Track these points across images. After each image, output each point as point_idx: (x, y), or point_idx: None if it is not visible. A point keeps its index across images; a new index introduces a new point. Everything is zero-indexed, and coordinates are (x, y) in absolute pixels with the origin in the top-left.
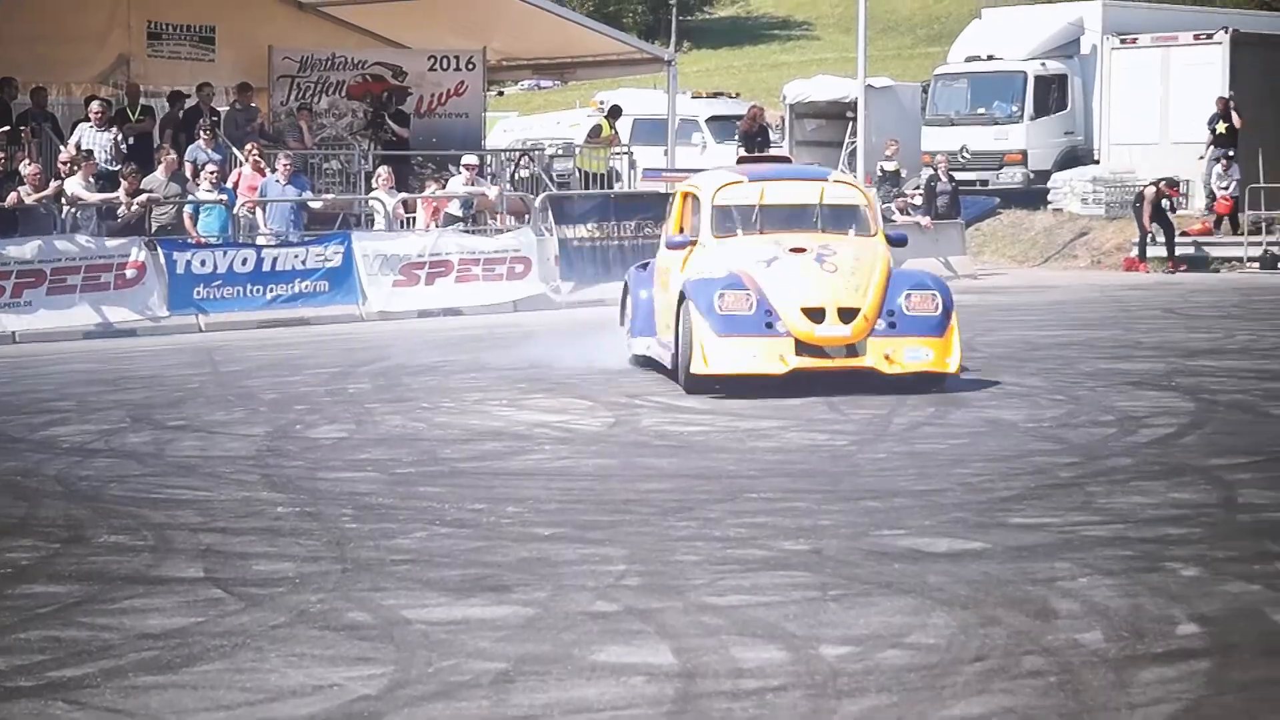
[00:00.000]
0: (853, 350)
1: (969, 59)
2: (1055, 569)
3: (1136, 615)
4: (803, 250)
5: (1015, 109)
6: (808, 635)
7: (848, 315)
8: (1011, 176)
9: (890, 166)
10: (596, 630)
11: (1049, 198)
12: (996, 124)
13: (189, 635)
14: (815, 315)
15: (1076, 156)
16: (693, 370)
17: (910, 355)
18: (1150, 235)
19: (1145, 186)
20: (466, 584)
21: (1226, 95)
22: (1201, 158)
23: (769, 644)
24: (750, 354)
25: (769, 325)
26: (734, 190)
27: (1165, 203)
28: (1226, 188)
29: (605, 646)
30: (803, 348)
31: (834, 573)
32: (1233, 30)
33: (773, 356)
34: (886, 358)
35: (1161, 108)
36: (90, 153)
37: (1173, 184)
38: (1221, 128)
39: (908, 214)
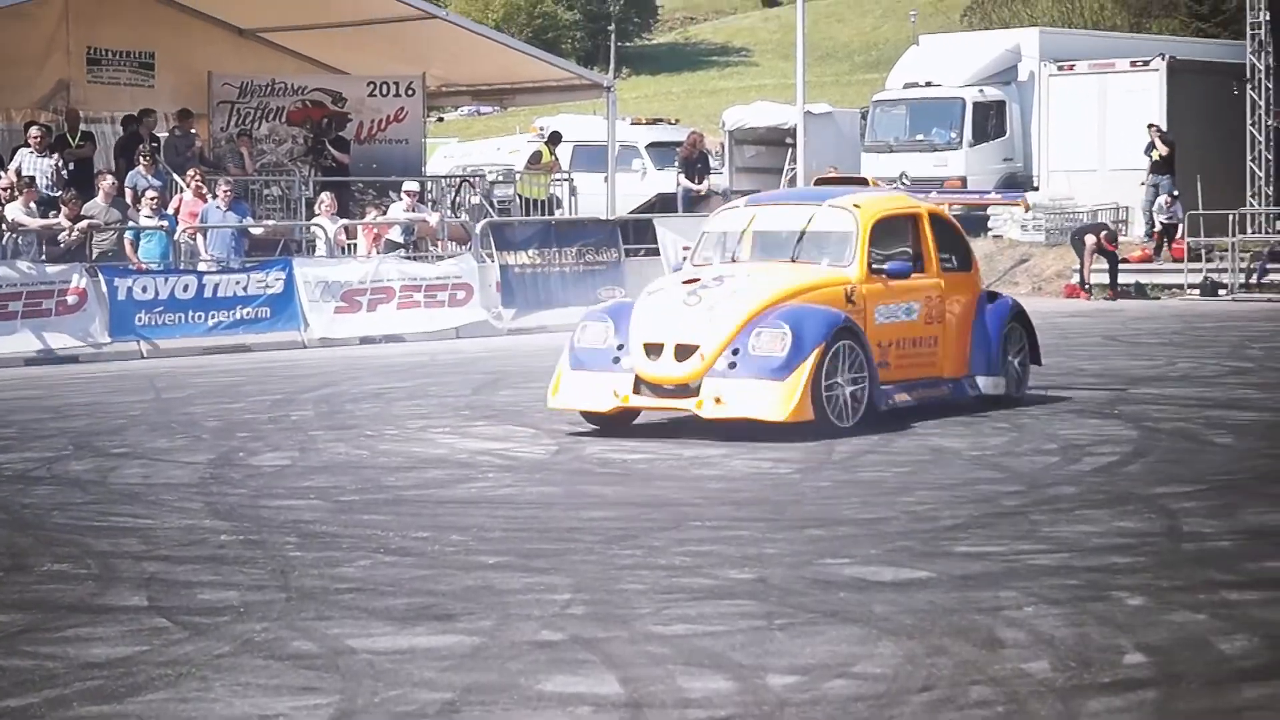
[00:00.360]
0: (685, 390)
1: (907, 85)
2: (1001, 598)
3: (1083, 644)
4: (695, 281)
5: (954, 135)
6: (754, 665)
7: (684, 353)
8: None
9: None
10: (543, 659)
11: (989, 224)
12: (935, 150)
13: (133, 664)
14: (654, 351)
15: (1016, 183)
16: (548, 403)
17: (740, 399)
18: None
19: (1085, 233)
20: (412, 613)
21: (1153, 123)
22: (1142, 184)
23: (716, 673)
24: (591, 388)
25: (615, 360)
26: (727, 216)
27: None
28: (1171, 219)
29: (551, 676)
30: (640, 384)
31: (780, 601)
32: (1169, 57)
33: (608, 392)
34: (716, 400)
35: (1099, 135)
36: (32, 179)
37: (1112, 238)
38: (1156, 154)
39: None
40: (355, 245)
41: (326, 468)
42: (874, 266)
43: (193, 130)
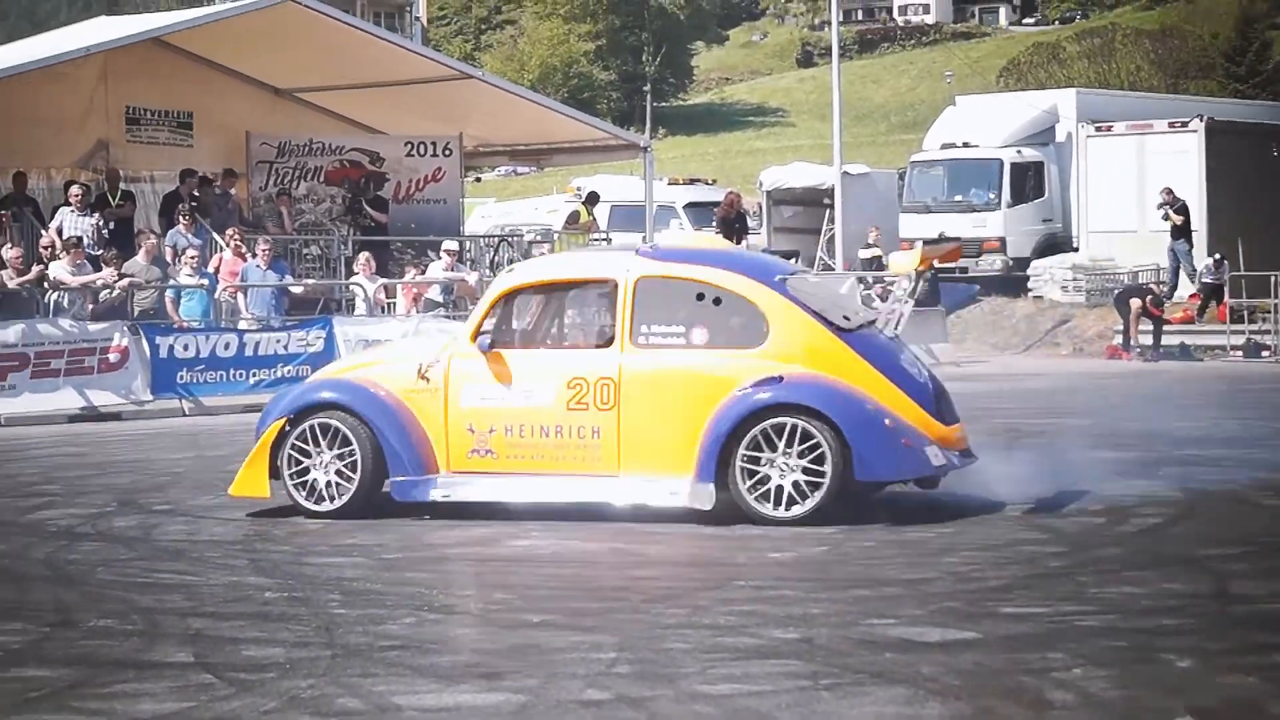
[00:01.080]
0: None
1: (945, 146)
2: (1049, 659)
3: (1133, 706)
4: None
5: (992, 196)
6: None
7: None
8: (990, 264)
9: (869, 254)
10: (588, 718)
11: (1029, 285)
12: (974, 210)
13: None
14: None
15: (1055, 244)
16: None
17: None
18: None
19: (1130, 295)
20: (457, 671)
21: (1167, 187)
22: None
23: None
24: None
25: None
26: None
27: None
28: (1217, 280)
29: None
30: None
31: (826, 661)
32: (1208, 118)
33: None
34: None
35: (1138, 195)
36: (79, 239)
37: (1158, 303)
38: (1175, 219)
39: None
40: (395, 304)
41: (370, 525)
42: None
43: (231, 190)
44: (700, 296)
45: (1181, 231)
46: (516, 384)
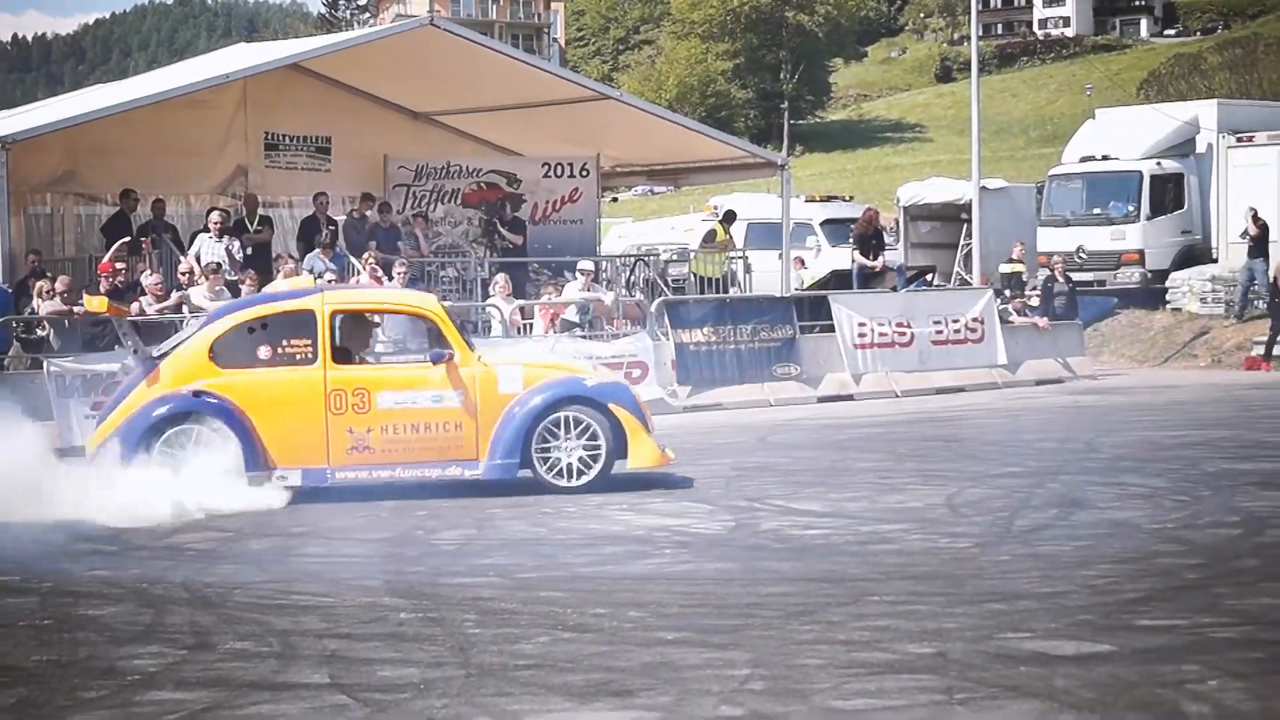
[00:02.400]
0: None
1: (1084, 159)
2: (1184, 672)
3: (1269, 718)
4: None
5: (1131, 209)
6: None
7: None
8: (1129, 276)
9: (1011, 269)
10: None
11: (1167, 297)
12: (1113, 224)
13: None
14: None
15: (1194, 255)
16: None
17: None
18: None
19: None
20: (591, 689)
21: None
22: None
23: None
24: None
25: None
26: None
27: None
28: None
29: None
30: None
31: (960, 676)
32: None
33: None
34: None
35: (1279, 205)
36: (218, 265)
37: None
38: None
39: (1025, 315)
40: (531, 325)
41: (505, 545)
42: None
43: (368, 213)
44: None
45: (1260, 248)
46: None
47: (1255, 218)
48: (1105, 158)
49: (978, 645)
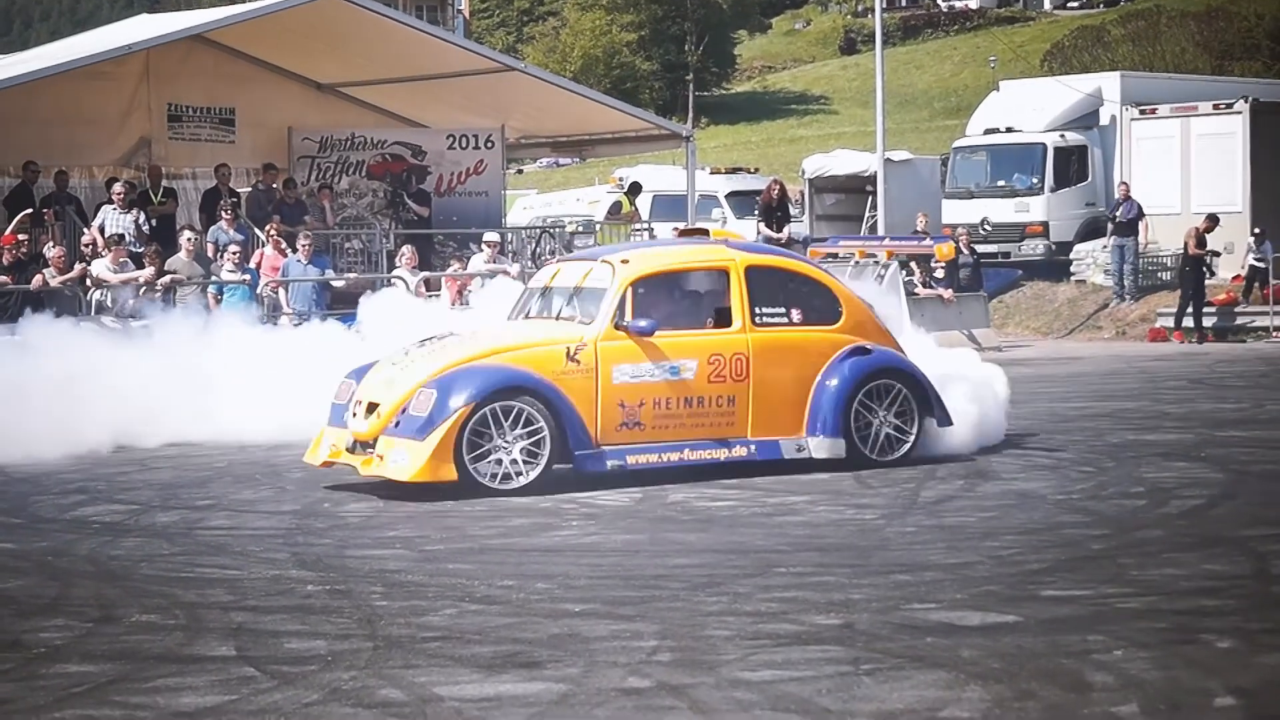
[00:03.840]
0: (365, 446)
1: (988, 131)
2: (1089, 642)
3: (1173, 687)
4: (430, 339)
5: (1035, 181)
6: (841, 710)
7: (371, 410)
8: (1033, 248)
9: None
10: (630, 706)
11: (1071, 269)
12: (1017, 196)
13: (223, 714)
14: (360, 408)
15: (1098, 228)
16: (304, 458)
17: (392, 458)
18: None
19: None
20: (498, 660)
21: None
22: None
23: (803, 719)
24: (328, 444)
25: (342, 417)
26: (542, 272)
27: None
28: (1260, 260)
29: None
30: (354, 441)
31: (866, 647)
32: (1253, 99)
33: (326, 449)
34: (380, 458)
35: (1183, 178)
36: (121, 236)
37: (1213, 218)
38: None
39: (930, 287)
40: (437, 297)
41: (411, 517)
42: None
43: (273, 185)
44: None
45: (1130, 228)
46: (654, 364)
47: (1126, 194)
48: (1009, 130)
49: (884, 616)
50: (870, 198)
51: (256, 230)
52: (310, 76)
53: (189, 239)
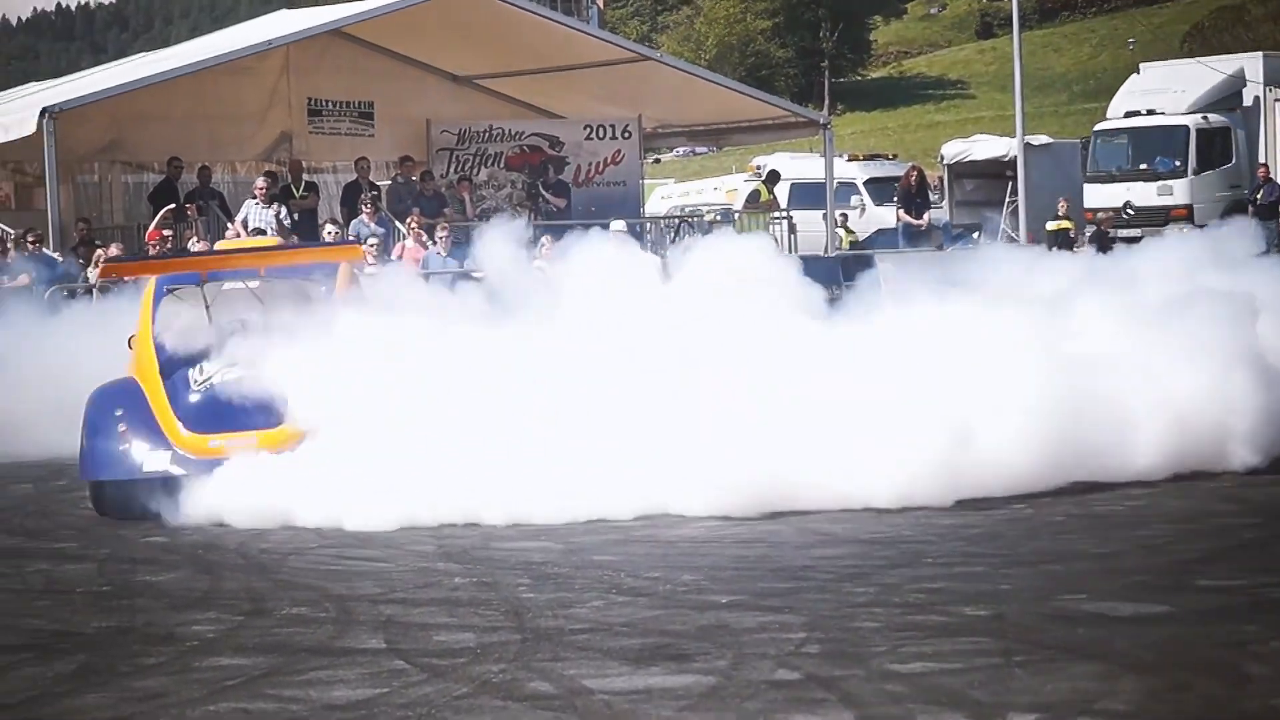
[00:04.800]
0: None
1: (1129, 114)
2: (1244, 632)
3: None
4: None
5: (1178, 163)
6: (994, 702)
7: None
8: (1177, 232)
9: (1057, 225)
10: (780, 699)
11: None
12: (1160, 179)
13: (374, 706)
14: None
15: (1243, 211)
16: None
17: None
18: None
19: None
20: (647, 653)
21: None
22: None
23: (955, 712)
24: None
25: None
26: None
27: None
28: None
29: (789, 715)
30: None
31: (1018, 638)
32: None
33: None
34: None
35: None
36: (264, 231)
37: None
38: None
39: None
40: None
41: None
42: None
43: (414, 177)
44: None
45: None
46: None
47: (1267, 176)
48: (1150, 112)
49: (1035, 607)
50: (1010, 183)
51: (397, 223)
52: (447, 69)
53: (330, 232)
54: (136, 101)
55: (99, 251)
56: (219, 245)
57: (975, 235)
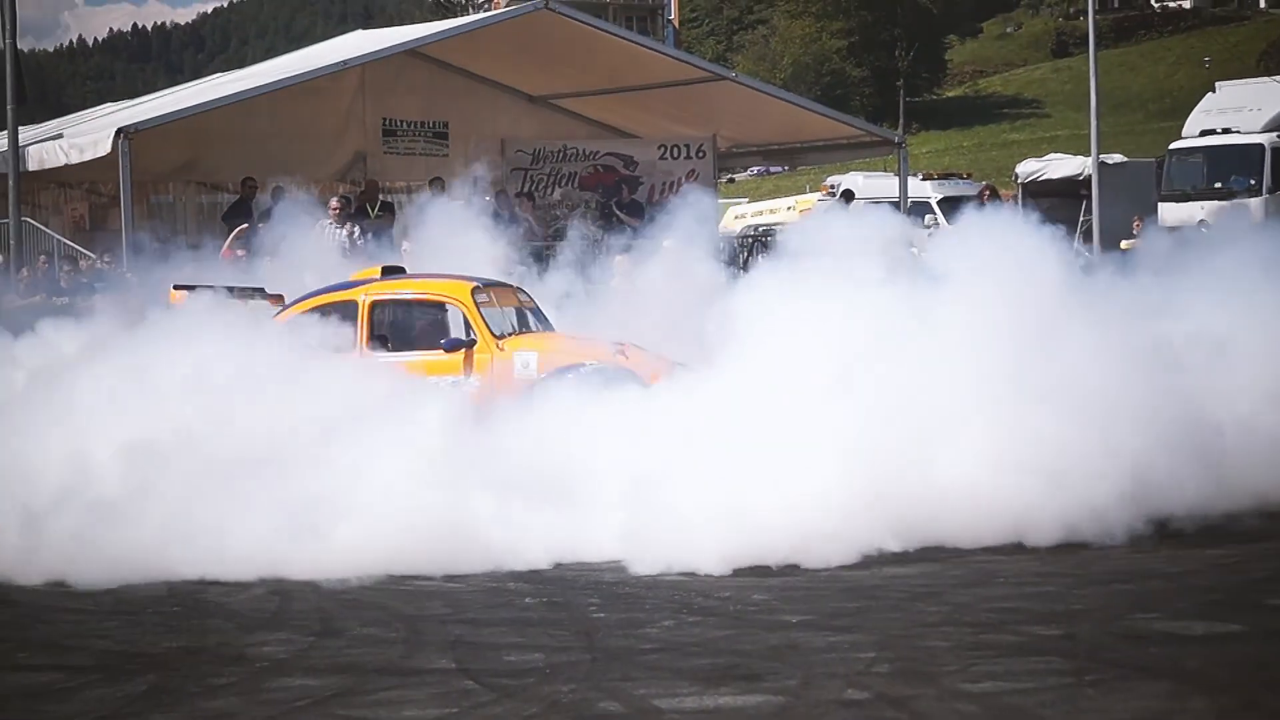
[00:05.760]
0: None
1: (1204, 132)
2: None
3: None
4: None
5: (1253, 182)
6: None
7: None
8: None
9: (1131, 244)
10: (850, 718)
11: None
12: (1235, 197)
13: None
14: None
15: None
16: None
17: None
18: None
19: None
20: (717, 673)
21: None
22: None
23: None
24: None
25: None
26: None
27: None
28: None
29: None
30: None
31: (1089, 657)
32: None
33: None
34: None
35: None
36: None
37: None
38: None
39: None
40: None
41: None
42: None
43: (487, 197)
44: None
45: None
46: None
47: None
48: (1226, 131)
49: (1106, 626)
50: (1085, 201)
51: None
52: (522, 89)
53: (408, 250)
54: (211, 122)
55: None
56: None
57: None
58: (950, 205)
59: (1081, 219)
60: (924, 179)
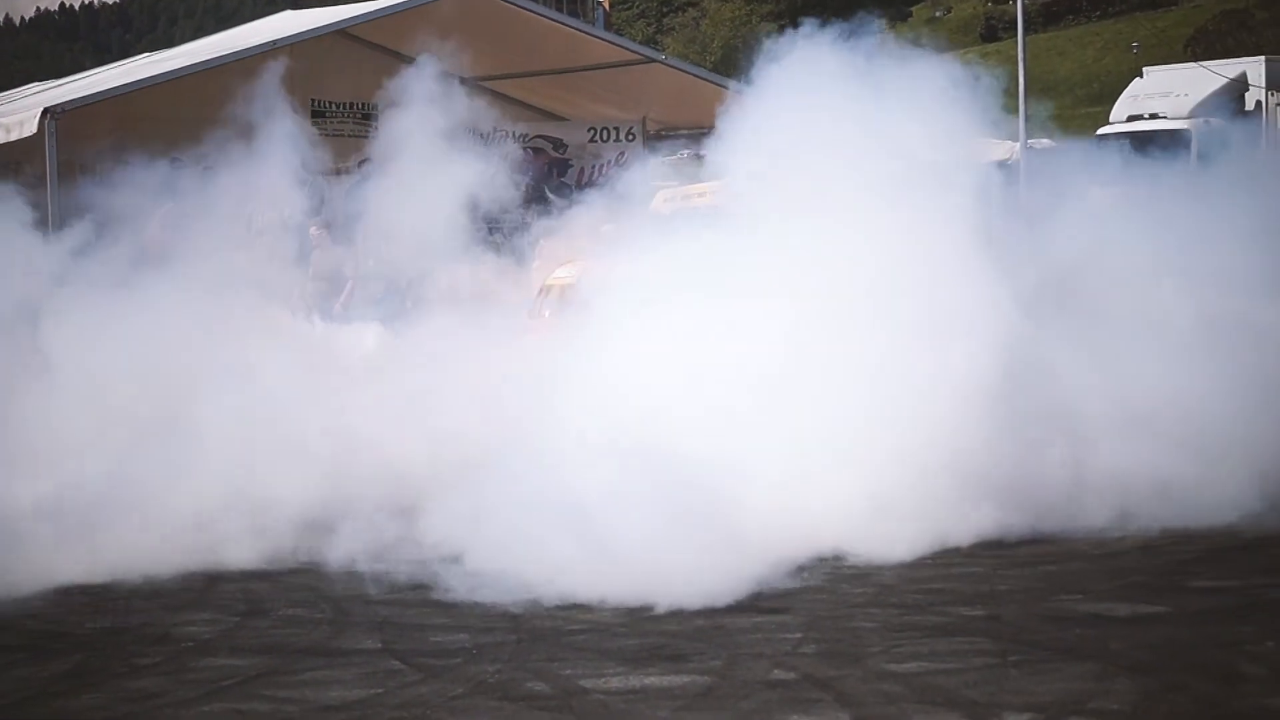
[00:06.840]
0: None
1: (1131, 118)
2: (1240, 633)
3: None
4: None
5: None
6: (989, 702)
7: None
8: None
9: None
10: (775, 699)
11: None
12: None
13: (369, 707)
14: None
15: None
16: None
17: None
18: None
19: None
20: (643, 653)
21: None
22: None
23: (950, 711)
24: None
25: None
26: None
27: None
28: None
29: (785, 715)
30: None
31: (1013, 638)
32: None
33: None
34: None
35: None
36: None
37: None
38: None
39: None
40: None
41: None
42: None
43: None
44: None
45: None
46: None
47: None
48: (1153, 116)
49: (1030, 607)
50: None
51: None
52: (452, 71)
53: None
54: (140, 102)
55: None
56: None
57: None
58: None
59: None
60: None
